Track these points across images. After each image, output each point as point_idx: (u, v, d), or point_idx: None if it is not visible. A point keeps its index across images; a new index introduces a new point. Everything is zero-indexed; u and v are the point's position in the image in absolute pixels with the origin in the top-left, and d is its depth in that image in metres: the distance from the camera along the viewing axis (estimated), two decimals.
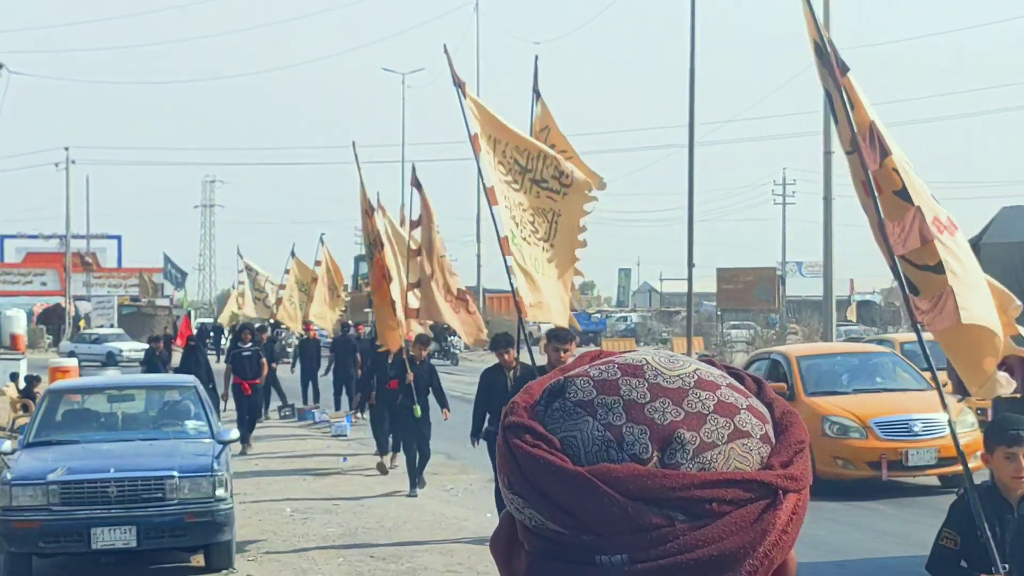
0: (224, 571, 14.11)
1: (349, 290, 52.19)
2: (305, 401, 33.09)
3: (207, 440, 14.97)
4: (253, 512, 17.61)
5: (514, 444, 1.28)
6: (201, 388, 16.52)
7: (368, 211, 22.02)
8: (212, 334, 63.69)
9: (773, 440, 1.30)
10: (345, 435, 27.86)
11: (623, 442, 1.25)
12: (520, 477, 1.27)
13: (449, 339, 63.28)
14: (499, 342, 15.97)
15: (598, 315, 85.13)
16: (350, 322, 37.50)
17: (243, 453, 24.01)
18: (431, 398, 19.50)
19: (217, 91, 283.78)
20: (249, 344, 26.44)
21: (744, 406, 1.30)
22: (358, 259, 74.96)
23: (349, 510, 18.10)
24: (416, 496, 18.99)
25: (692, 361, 1.33)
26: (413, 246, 20.68)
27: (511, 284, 14.52)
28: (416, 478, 19.37)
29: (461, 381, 37.07)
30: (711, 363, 1.36)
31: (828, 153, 43.04)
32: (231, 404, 26.13)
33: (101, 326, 79.03)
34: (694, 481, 1.23)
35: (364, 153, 23.32)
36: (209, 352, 46.24)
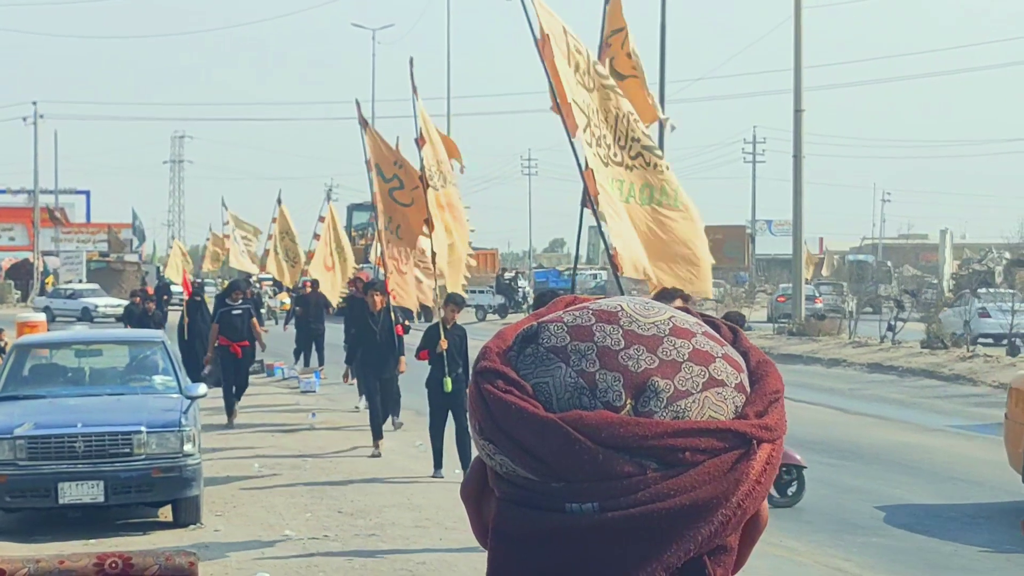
0: (192, 526, 14.10)
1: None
2: (307, 363, 32.21)
3: (175, 395, 14.95)
4: (221, 468, 17.60)
5: (486, 390, 1.26)
6: (169, 343, 16.47)
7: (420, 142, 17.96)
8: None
9: (748, 389, 1.28)
10: (314, 391, 27.86)
11: (596, 389, 1.24)
12: (491, 423, 1.25)
13: (520, 290, 62.13)
14: (544, 301, 13.14)
15: (568, 272, 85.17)
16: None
17: (229, 426, 22.44)
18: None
19: (186, 46, 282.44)
20: (240, 302, 23.95)
21: (719, 355, 1.28)
22: (351, 208, 69.86)
23: (317, 466, 18.10)
24: (441, 477, 16.75)
25: (667, 308, 1.31)
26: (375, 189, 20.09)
27: (601, 233, 11.77)
28: (451, 461, 16.83)
29: None
30: (687, 311, 1.35)
31: (798, 111, 43.14)
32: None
33: (69, 281, 78.78)
34: (667, 429, 1.22)
35: (332, 110, 23.04)
36: (173, 309, 45.87)
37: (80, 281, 78.07)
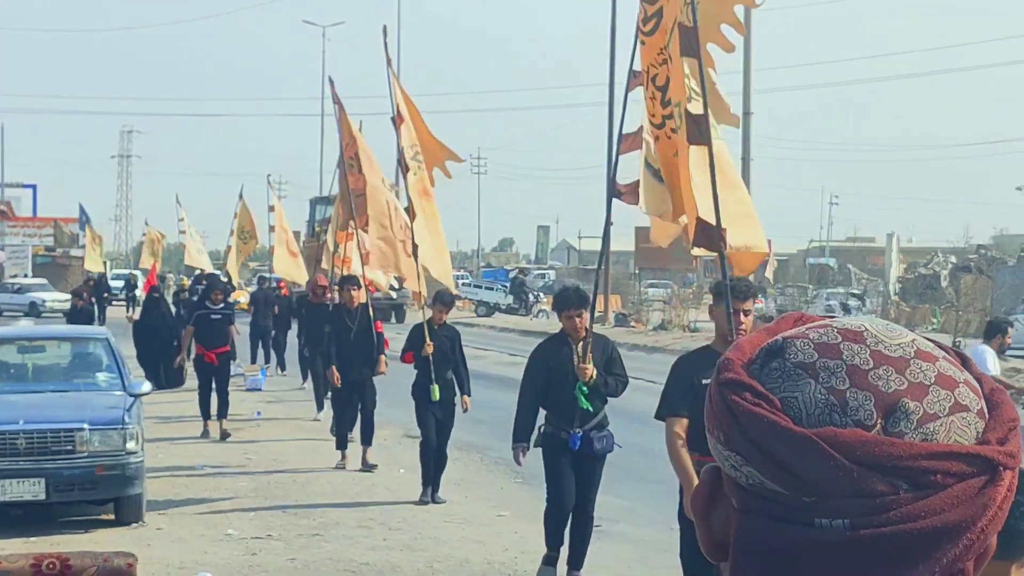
0: (134, 524, 14.02)
1: (303, 238, 50.05)
2: (253, 359, 31.98)
3: (118, 392, 14.85)
4: (165, 466, 17.51)
5: (733, 401, 1.28)
6: (113, 340, 16.33)
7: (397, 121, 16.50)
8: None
9: (987, 416, 1.30)
10: (259, 389, 27.74)
11: (847, 407, 1.26)
12: (740, 435, 1.27)
13: (527, 286, 61.01)
14: (568, 299, 11.36)
15: (515, 272, 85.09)
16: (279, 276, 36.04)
17: (206, 435, 20.83)
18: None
19: (136, 40, 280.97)
20: (220, 305, 21.50)
21: (961, 380, 1.30)
22: (314, 202, 62.83)
23: (262, 465, 18.04)
24: (433, 503, 14.74)
25: (908, 332, 1.33)
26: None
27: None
28: (431, 484, 14.99)
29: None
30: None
31: (747, 114, 43.30)
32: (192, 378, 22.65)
33: (15, 276, 78.23)
34: (920, 451, 1.24)
35: (283, 106, 22.67)
36: (116, 302, 45.19)
37: (25, 276, 77.54)
